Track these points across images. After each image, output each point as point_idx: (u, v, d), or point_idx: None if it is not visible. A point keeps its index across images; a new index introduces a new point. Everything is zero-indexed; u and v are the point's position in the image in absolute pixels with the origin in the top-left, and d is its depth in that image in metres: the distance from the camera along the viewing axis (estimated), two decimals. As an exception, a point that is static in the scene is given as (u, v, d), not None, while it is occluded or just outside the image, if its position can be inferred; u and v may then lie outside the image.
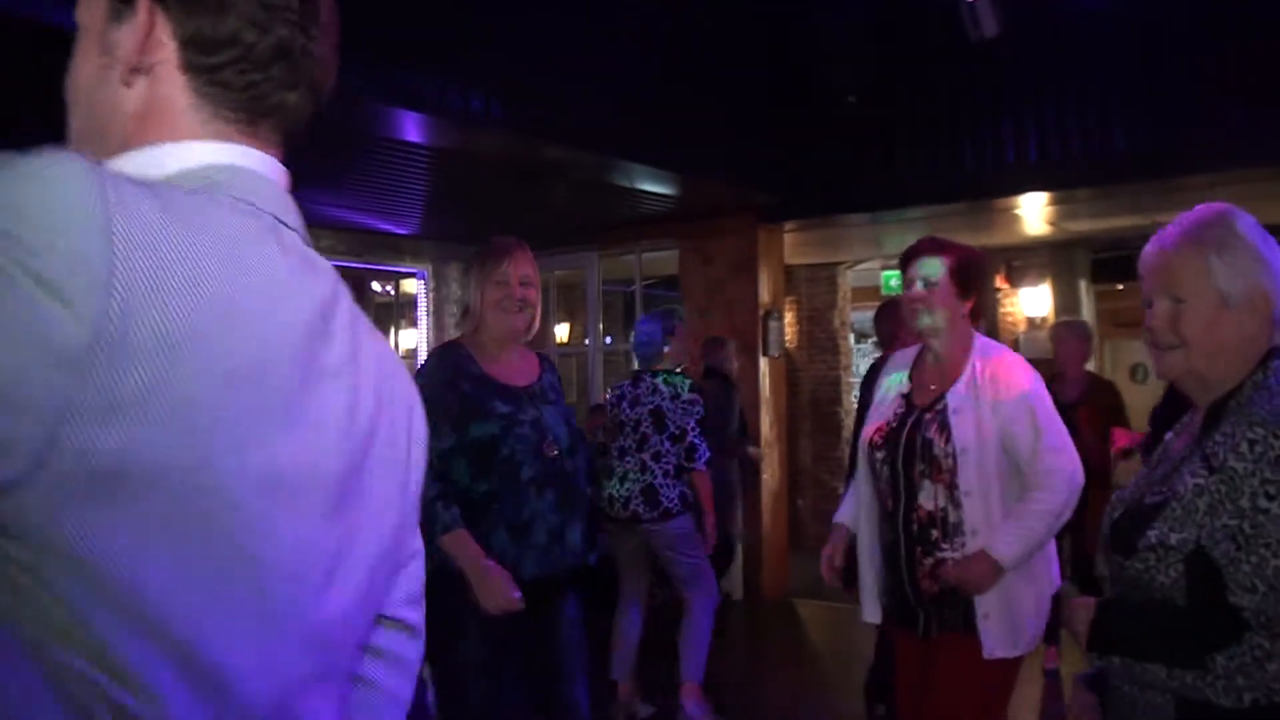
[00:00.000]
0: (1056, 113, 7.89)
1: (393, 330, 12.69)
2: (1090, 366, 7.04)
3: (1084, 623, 2.04)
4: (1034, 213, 9.74)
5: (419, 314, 10.59)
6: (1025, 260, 12.03)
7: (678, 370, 5.90)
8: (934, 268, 3.38)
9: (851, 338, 13.28)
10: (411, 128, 6.44)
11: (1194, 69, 7.40)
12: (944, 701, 3.26)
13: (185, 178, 0.96)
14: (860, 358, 15.14)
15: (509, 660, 3.34)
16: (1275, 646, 1.76)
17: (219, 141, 1.01)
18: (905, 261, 3.46)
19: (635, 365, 5.99)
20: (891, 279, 12.86)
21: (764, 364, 9.13)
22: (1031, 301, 12.24)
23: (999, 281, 11.89)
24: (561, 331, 12.70)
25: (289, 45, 1.03)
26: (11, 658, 0.81)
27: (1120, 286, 11.75)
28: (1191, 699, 1.83)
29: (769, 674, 7.07)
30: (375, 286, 11.94)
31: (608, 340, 11.28)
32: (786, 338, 10.23)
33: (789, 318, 11.29)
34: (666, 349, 5.83)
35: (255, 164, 1.03)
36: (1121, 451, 5.97)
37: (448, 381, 3.35)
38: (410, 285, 11.03)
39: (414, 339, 11.23)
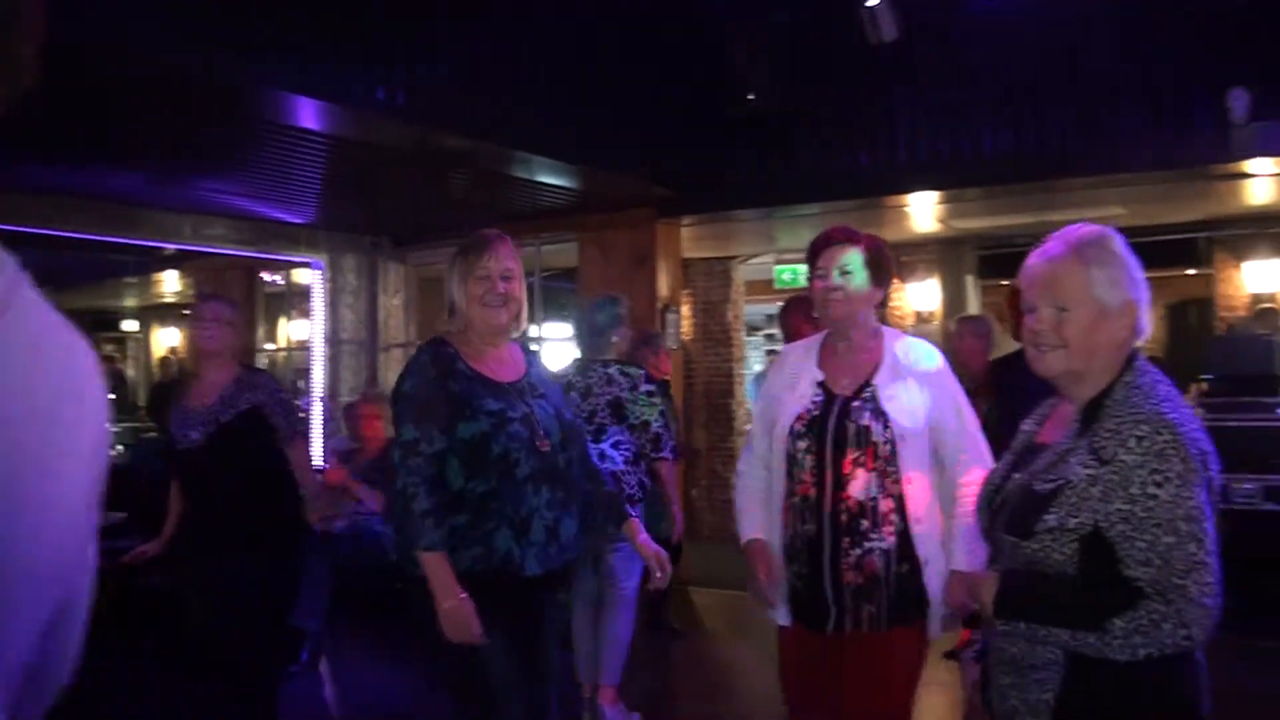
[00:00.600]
0: (949, 116, 8.11)
1: (283, 320, 12.53)
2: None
3: (990, 593, 2.29)
4: (924, 211, 10.00)
5: (313, 305, 10.45)
6: (914, 256, 12.31)
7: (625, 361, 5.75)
8: (850, 257, 3.39)
9: (744, 331, 13.45)
10: (310, 115, 6.37)
11: (1078, 77, 7.69)
12: (865, 696, 3.29)
13: None
14: (751, 350, 15.35)
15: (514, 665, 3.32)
16: (1168, 610, 2.05)
17: None
18: (817, 251, 3.46)
19: (578, 353, 5.79)
20: (784, 273, 13.06)
21: (662, 356, 9.23)
22: (920, 296, 12.55)
23: (889, 277, 12.13)
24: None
25: None
26: None
27: (1005, 282, 12.04)
28: (1087, 656, 2.13)
29: (672, 663, 7.17)
30: (265, 276, 11.77)
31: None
32: (682, 330, 10.34)
33: (685, 310, 11.41)
34: (615, 339, 5.68)
35: None
36: None
37: (437, 382, 3.28)
38: (302, 275, 10.91)
39: (306, 330, 11.11)
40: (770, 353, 15.87)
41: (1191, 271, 12.40)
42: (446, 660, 3.25)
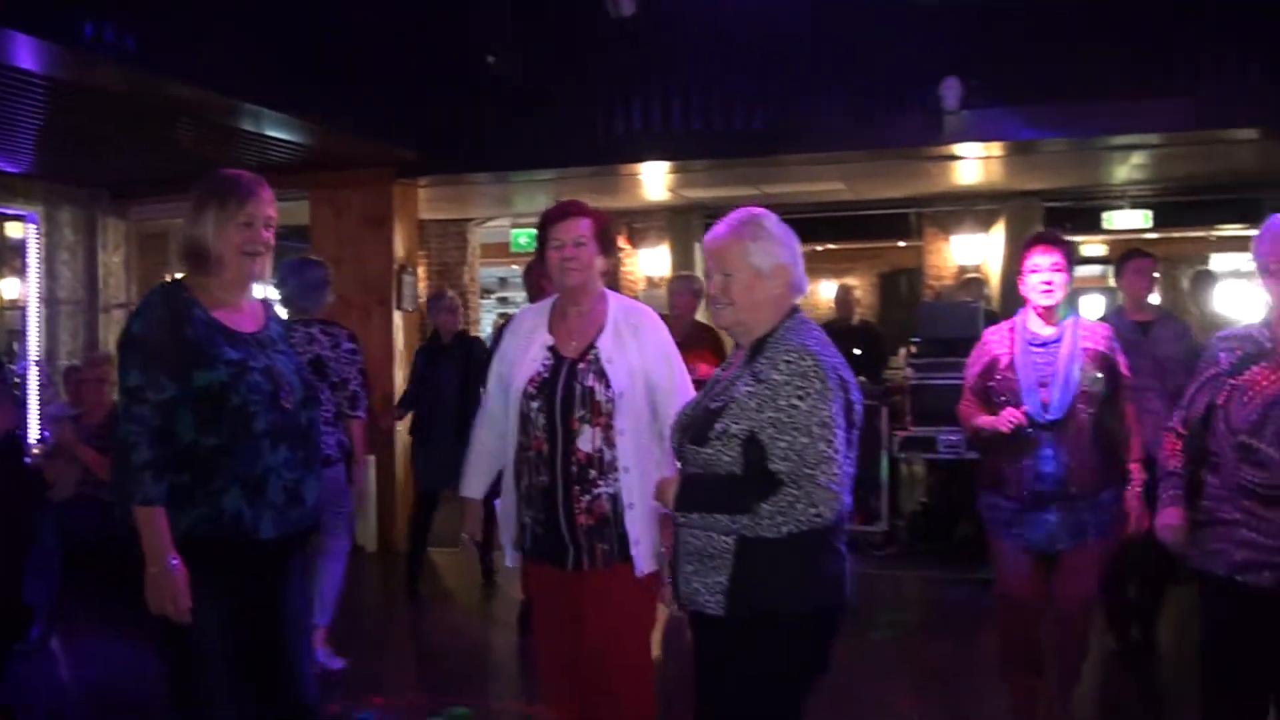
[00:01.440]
0: (682, 91, 8.40)
1: None
2: (700, 316, 7.53)
3: (671, 492, 2.82)
4: (655, 180, 10.33)
5: (28, 261, 9.84)
6: (646, 223, 12.69)
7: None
8: (583, 229, 3.59)
9: (479, 294, 13.51)
10: (27, 55, 5.96)
11: (803, 62, 8.11)
12: (605, 622, 3.53)
13: None
14: (485, 313, 15.43)
15: (238, 633, 3.13)
16: (800, 493, 2.60)
17: None
18: (552, 222, 3.62)
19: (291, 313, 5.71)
20: (520, 237, 13.19)
21: (398, 318, 9.18)
22: (651, 261, 12.92)
23: (621, 241, 12.44)
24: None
25: None
26: None
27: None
28: (747, 536, 2.68)
29: (411, 621, 7.23)
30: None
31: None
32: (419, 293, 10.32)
33: (420, 272, 11.38)
34: (327, 299, 5.74)
35: None
36: None
37: (169, 327, 3.05)
38: (14, 229, 10.30)
39: (17, 289, 10.48)
40: (502, 315, 16.00)
41: (903, 243, 13.24)
42: (159, 629, 3.04)
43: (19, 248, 10.08)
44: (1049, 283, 4.19)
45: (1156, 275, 6.04)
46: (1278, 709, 3.41)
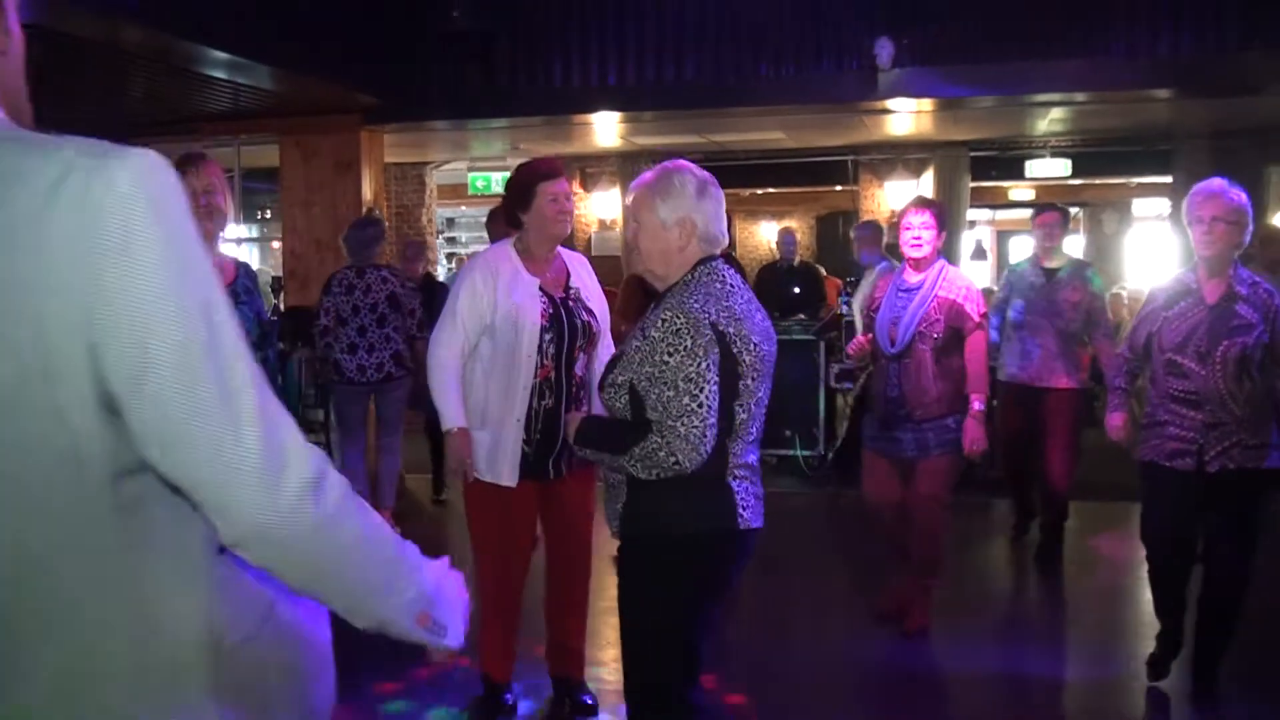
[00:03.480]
0: (633, 46, 8.91)
1: None
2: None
3: (572, 429, 3.12)
4: (606, 129, 10.85)
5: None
6: (598, 168, 13.21)
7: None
8: (567, 186, 4.15)
9: (437, 235, 13.88)
10: None
11: (748, 20, 8.65)
12: (571, 514, 4.22)
13: None
14: (443, 254, 15.81)
15: None
16: (662, 442, 2.78)
17: None
18: (546, 178, 4.05)
19: (351, 260, 7.14)
20: (478, 180, 13.64)
21: (364, 259, 9.64)
22: (602, 205, 13.45)
23: (575, 185, 12.94)
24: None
25: None
26: None
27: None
28: (629, 475, 2.91)
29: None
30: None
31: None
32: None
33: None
34: (380, 249, 7.33)
35: None
36: None
37: None
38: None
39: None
40: (450, 255, 16.39)
41: (839, 188, 13.81)
42: None
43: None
44: (918, 238, 5.04)
45: (1071, 227, 6.69)
46: (1204, 551, 4.47)
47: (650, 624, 3.01)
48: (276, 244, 11.93)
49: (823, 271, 11.37)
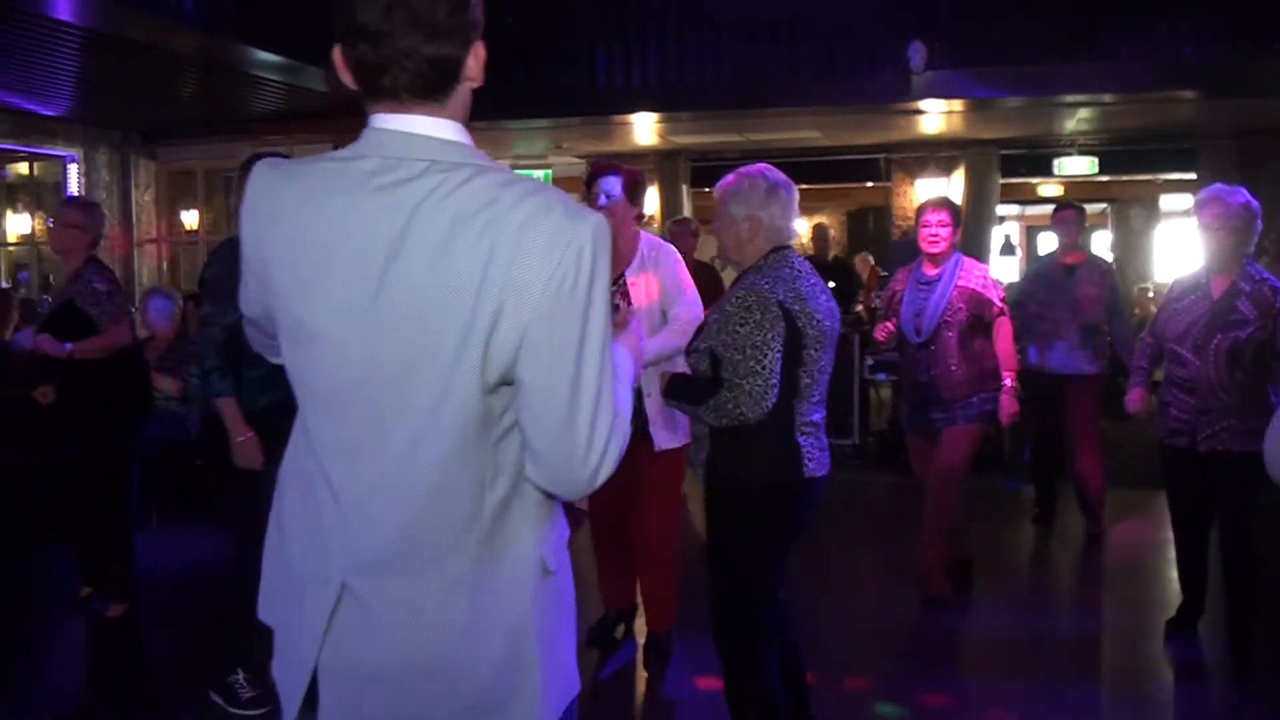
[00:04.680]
0: (672, 49, 9.27)
1: (11, 214, 12.25)
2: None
3: (662, 385, 3.64)
4: (644, 128, 11.19)
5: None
6: (636, 166, 13.44)
7: None
8: (614, 185, 4.43)
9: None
10: (64, 6, 6.60)
11: (784, 23, 9.01)
12: (635, 485, 4.50)
13: None
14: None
15: None
16: (731, 396, 3.29)
17: None
18: (591, 179, 4.45)
19: None
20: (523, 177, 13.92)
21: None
22: (639, 202, 13.73)
23: (612, 183, 13.23)
24: (191, 218, 12.63)
25: None
26: None
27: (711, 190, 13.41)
28: (707, 422, 3.41)
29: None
30: None
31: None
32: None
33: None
34: None
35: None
36: None
37: (232, 270, 3.81)
38: (45, 168, 10.98)
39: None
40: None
41: (871, 184, 14.06)
42: (242, 498, 3.97)
43: (51, 187, 10.82)
44: (935, 235, 5.44)
45: (1100, 223, 6.95)
46: (1217, 528, 4.80)
47: (730, 557, 3.51)
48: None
49: (857, 264, 11.65)
